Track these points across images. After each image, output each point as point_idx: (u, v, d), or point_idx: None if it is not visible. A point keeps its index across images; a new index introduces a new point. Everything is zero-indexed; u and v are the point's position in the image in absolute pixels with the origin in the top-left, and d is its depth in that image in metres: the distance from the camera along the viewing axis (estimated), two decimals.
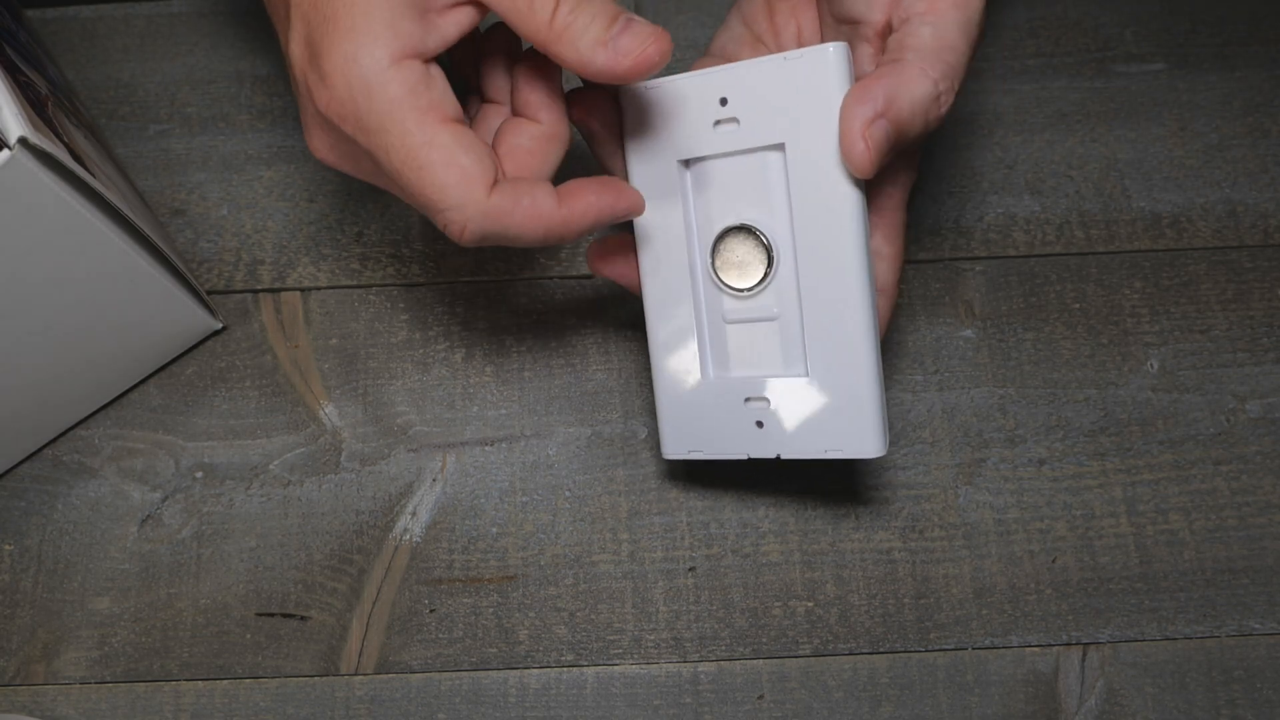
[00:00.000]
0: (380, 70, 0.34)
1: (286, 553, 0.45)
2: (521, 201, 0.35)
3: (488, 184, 0.35)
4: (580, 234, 0.36)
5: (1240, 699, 0.43)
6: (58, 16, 0.53)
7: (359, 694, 0.43)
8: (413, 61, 0.34)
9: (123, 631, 0.44)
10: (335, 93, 0.34)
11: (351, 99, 0.34)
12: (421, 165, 0.34)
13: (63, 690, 0.43)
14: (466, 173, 0.34)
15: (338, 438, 0.47)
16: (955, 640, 0.43)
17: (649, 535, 0.45)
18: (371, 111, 0.34)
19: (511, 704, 0.43)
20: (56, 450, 0.47)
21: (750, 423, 0.40)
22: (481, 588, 0.45)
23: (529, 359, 0.48)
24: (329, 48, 0.34)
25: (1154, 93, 0.51)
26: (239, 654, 0.44)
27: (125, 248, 0.41)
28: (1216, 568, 0.44)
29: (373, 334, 0.48)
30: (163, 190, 0.50)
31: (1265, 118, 0.51)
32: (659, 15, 0.53)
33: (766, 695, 0.43)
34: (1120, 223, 0.49)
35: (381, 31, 0.34)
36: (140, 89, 0.52)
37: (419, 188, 0.35)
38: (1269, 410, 0.46)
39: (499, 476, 0.46)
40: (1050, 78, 0.51)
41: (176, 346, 0.47)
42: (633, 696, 0.43)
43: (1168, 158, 0.50)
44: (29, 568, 0.45)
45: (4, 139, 0.36)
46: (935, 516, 0.45)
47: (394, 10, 0.34)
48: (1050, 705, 0.43)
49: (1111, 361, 0.47)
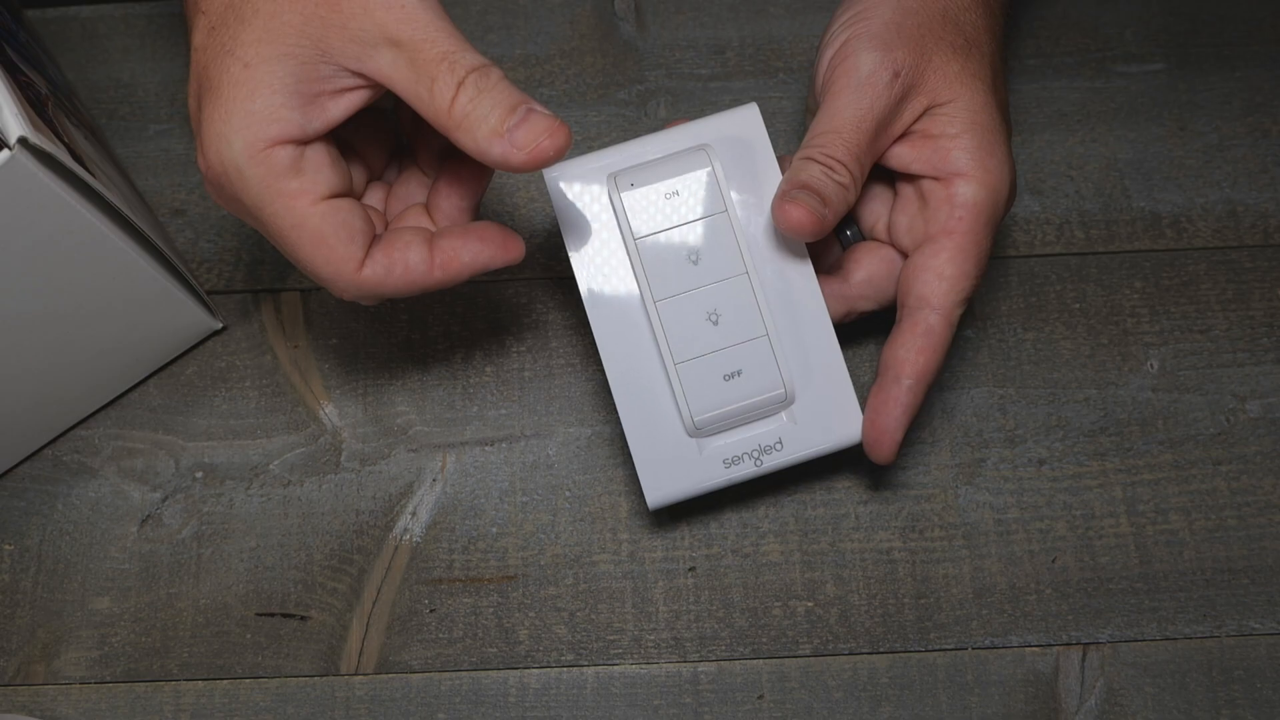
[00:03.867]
0: (250, 155, 0.34)
1: (286, 553, 0.45)
2: (394, 271, 0.37)
3: (357, 261, 0.36)
4: (459, 283, 0.38)
5: (1240, 699, 0.43)
6: (58, 16, 0.53)
7: (359, 694, 0.43)
8: (284, 147, 0.35)
9: (123, 631, 0.44)
10: (210, 164, 0.35)
11: (225, 174, 0.35)
12: (293, 244, 0.36)
13: (63, 690, 0.43)
14: (335, 254, 0.36)
15: (338, 438, 0.47)
16: (955, 640, 0.43)
17: (649, 535, 0.45)
18: (244, 189, 0.35)
19: (511, 704, 0.43)
20: (56, 450, 0.47)
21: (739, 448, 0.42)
22: (481, 588, 0.45)
23: (529, 359, 0.48)
24: (207, 120, 0.34)
25: (1154, 93, 0.51)
26: (239, 654, 0.44)
27: (125, 248, 0.41)
28: (1216, 568, 0.44)
29: (373, 334, 0.48)
30: (163, 190, 0.50)
31: (1265, 118, 0.51)
32: (659, 16, 0.53)
33: (766, 695, 0.43)
34: (1120, 223, 0.49)
35: (259, 117, 0.34)
36: (140, 89, 0.52)
37: (294, 258, 0.37)
38: (1269, 410, 0.46)
39: (499, 476, 0.46)
40: (1050, 78, 0.51)
41: (176, 346, 0.47)
42: (633, 696, 0.43)
43: (1168, 158, 0.50)
44: (29, 568, 0.45)
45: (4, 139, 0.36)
46: (935, 516, 0.45)
47: (278, 98, 0.34)
48: (1050, 705, 0.43)
49: (1111, 361, 0.47)
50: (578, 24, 0.53)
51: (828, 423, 0.41)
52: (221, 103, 0.34)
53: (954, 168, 0.40)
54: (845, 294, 0.43)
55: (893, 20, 0.40)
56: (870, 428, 0.41)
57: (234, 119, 0.34)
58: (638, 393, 0.41)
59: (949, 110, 0.40)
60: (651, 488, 0.41)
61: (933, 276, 0.40)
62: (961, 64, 0.41)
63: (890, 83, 0.40)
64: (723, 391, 0.41)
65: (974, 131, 0.40)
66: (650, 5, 0.53)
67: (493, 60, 0.35)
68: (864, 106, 0.39)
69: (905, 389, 0.40)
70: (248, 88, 0.34)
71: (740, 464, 0.41)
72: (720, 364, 0.41)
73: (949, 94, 0.40)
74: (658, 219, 0.41)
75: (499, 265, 0.38)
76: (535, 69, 0.52)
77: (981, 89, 0.41)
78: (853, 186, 0.40)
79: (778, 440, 0.41)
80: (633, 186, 0.41)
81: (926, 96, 0.40)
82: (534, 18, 0.53)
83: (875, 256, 0.43)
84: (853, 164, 0.39)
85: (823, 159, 0.39)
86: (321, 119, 0.35)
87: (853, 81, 0.40)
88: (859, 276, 0.43)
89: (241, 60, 0.34)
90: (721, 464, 0.41)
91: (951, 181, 0.40)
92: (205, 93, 0.35)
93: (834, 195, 0.39)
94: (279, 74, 0.34)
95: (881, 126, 0.40)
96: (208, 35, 0.35)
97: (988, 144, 0.40)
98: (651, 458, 0.41)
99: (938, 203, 0.41)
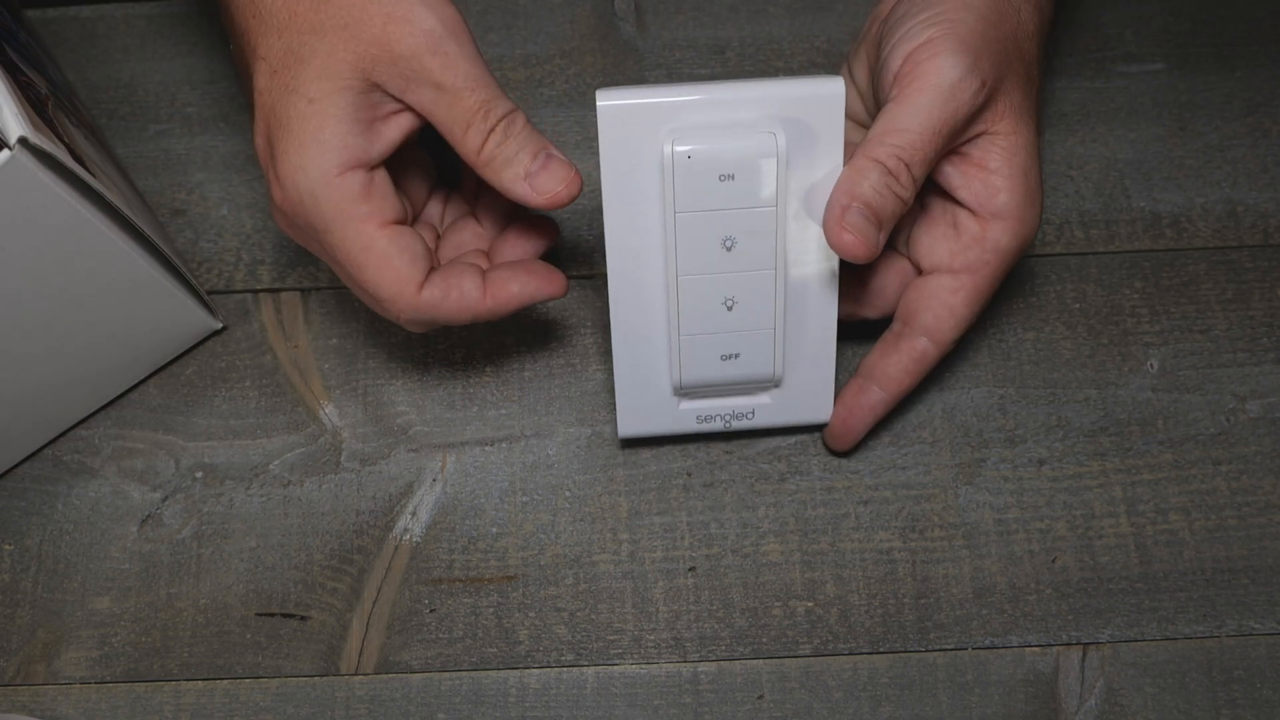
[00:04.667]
0: (326, 181, 0.38)
1: (286, 553, 0.45)
2: (450, 295, 0.40)
3: (418, 283, 0.39)
4: (507, 315, 0.41)
5: (1240, 699, 0.43)
6: (58, 16, 0.53)
7: (359, 694, 0.43)
8: (356, 172, 0.38)
9: (123, 631, 0.44)
10: (287, 193, 0.38)
11: (300, 201, 0.38)
12: (361, 265, 0.39)
13: (63, 690, 0.43)
14: (399, 275, 0.39)
15: (338, 438, 0.47)
16: (955, 640, 0.43)
17: (649, 535, 0.45)
18: (318, 215, 0.38)
19: (511, 704, 0.43)
20: (56, 450, 0.47)
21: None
22: (481, 588, 0.45)
23: (529, 359, 0.48)
24: (282, 153, 0.38)
25: (1154, 93, 0.51)
26: (239, 654, 0.44)
27: (125, 248, 0.41)
28: (1216, 568, 0.44)
29: (373, 334, 0.48)
30: (163, 190, 0.50)
31: (1265, 118, 0.51)
32: (659, 16, 0.53)
33: (766, 695, 0.43)
34: (1120, 223, 0.49)
35: (329, 146, 0.37)
36: (140, 89, 0.52)
37: (360, 282, 0.39)
38: (1269, 410, 0.46)
39: (499, 476, 0.46)
40: (1050, 78, 0.51)
41: (176, 346, 0.47)
42: (633, 696, 0.43)
43: (1168, 158, 0.50)
44: (29, 568, 0.45)
45: (4, 139, 0.36)
46: (935, 516, 0.45)
47: (343, 126, 0.37)
48: (1050, 705, 0.43)
49: (1111, 361, 0.47)
50: (578, 24, 0.53)
51: (801, 403, 0.44)
52: (293, 137, 0.37)
53: (996, 209, 0.40)
54: (857, 297, 0.44)
55: (978, 29, 0.39)
56: (840, 424, 0.44)
57: (307, 149, 0.37)
58: (636, 343, 0.42)
59: (1004, 145, 0.39)
60: (625, 420, 0.44)
61: (945, 311, 0.41)
62: (1023, 96, 0.40)
63: (976, 93, 0.38)
64: (717, 368, 0.42)
65: (1022, 178, 0.40)
66: (650, 5, 0.53)
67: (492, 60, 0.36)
68: (947, 113, 0.38)
69: (880, 400, 0.43)
70: (315, 121, 0.37)
71: (711, 420, 0.44)
72: (722, 345, 0.42)
73: (1009, 126, 0.39)
74: (705, 199, 0.39)
75: (544, 298, 0.42)
76: (535, 69, 0.52)
77: (1033, 127, 0.40)
78: (912, 197, 0.39)
79: (751, 410, 0.44)
80: (690, 159, 0.38)
81: (989, 120, 0.39)
82: (534, 18, 0.53)
83: (892, 269, 0.43)
84: (920, 172, 0.38)
85: (892, 163, 0.38)
86: (380, 143, 0.38)
87: (940, 83, 0.38)
88: (873, 285, 0.43)
89: (306, 97, 0.37)
90: (695, 418, 0.44)
91: (989, 223, 0.40)
92: (275, 130, 0.38)
93: (891, 211, 0.38)
94: (341, 104, 0.37)
95: (955, 137, 0.39)
96: (270, 78, 0.38)
97: (1031, 192, 0.40)
98: (632, 395, 0.43)
99: (970, 239, 0.40)
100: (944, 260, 0.41)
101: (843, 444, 0.45)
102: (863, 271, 0.43)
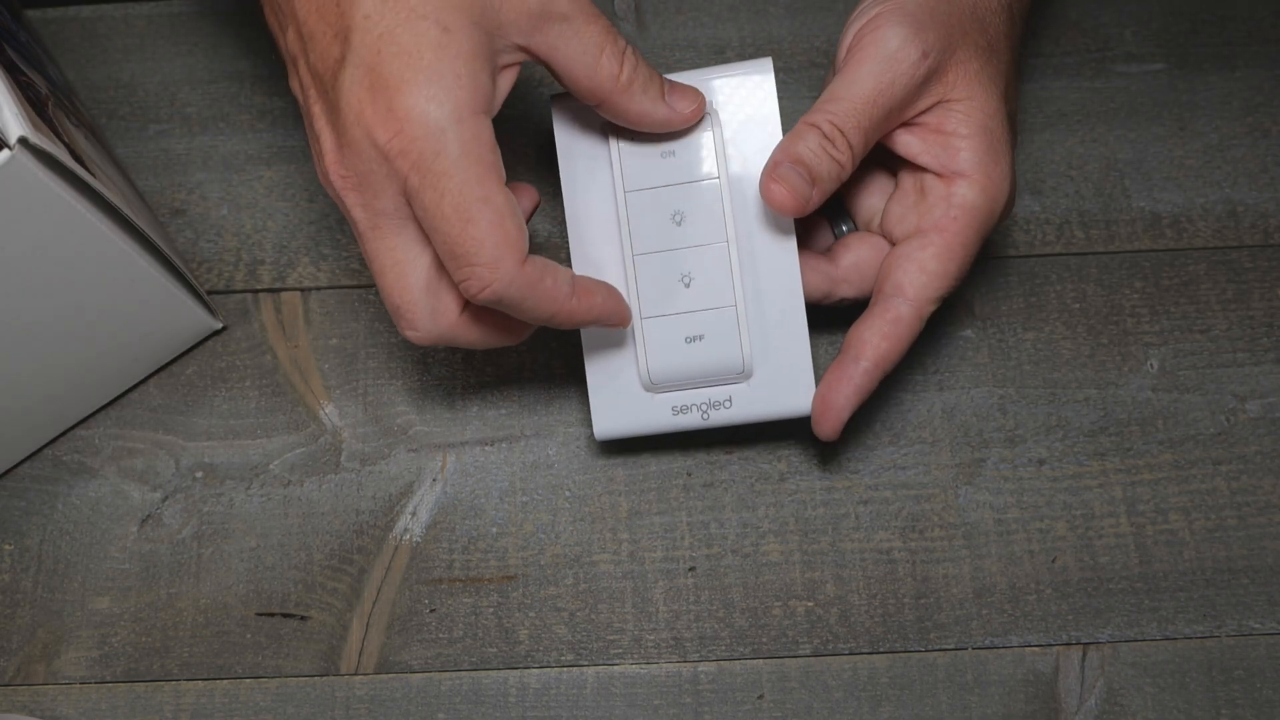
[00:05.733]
0: (461, 120, 0.34)
1: (286, 553, 0.45)
2: (545, 280, 0.36)
3: (522, 253, 0.35)
4: (576, 326, 0.38)
5: (1240, 699, 0.43)
6: (58, 16, 0.53)
7: (359, 694, 0.43)
8: (483, 117, 0.35)
9: (123, 631, 0.44)
10: (405, 129, 0.34)
11: (424, 139, 0.34)
12: (470, 219, 0.34)
13: (63, 690, 0.43)
14: (509, 238, 0.35)
15: (338, 438, 0.47)
16: (955, 640, 0.43)
17: (649, 535, 0.45)
18: (440, 156, 0.34)
19: (511, 704, 0.43)
20: (56, 450, 0.47)
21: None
22: (481, 588, 0.45)
23: (529, 359, 0.48)
24: (406, 86, 0.34)
25: (1154, 93, 0.51)
26: (239, 654, 0.44)
27: (125, 248, 0.41)
28: (1216, 568, 0.44)
29: (373, 334, 0.48)
30: (163, 190, 0.50)
31: (1265, 118, 0.51)
32: (659, 16, 0.53)
33: (766, 695, 0.43)
34: (1120, 223, 0.49)
35: (464, 82, 0.34)
36: (140, 89, 0.52)
37: (458, 237, 0.35)
38: (1269, 410, 0.46)
39: (499, 476, 0.46)
40: (1050, 78, 0.51)
41: (176, 346, 0.47)
42: (633, 696, 0.43)
43: (1168, 158, 0.50)
44: (29, 568, 0.45)
45: (4, 139, 0.36)
46: (935, 516, 0.45)
47: (475, 62, 0.34)
48: (1050, 705, 0.43)
49: (1111, 361, 0.47)
50: None
51: (780, 391, 0.42)
52: (422, 68, 0.33)
53: (958, 167, 0.40)
54: (830, 274, 0.43)
55: (926, 4, 0.40)
56: (820, 402, 0.41)
57: (445, 80, 0.34)
58: (605, 337, 0.42)
59: (962, 109, 0.40)
60: (601, 421, 0.43)
61: (914, 268, 0.41)
62: (981, 64, 0.40)
63: (917, 62, 0.39)
64: (683, 353, 0.42)
65: (983, 135, 0.40)
66: (650, 5, 0.53)
67: None
68: (885, 81, 0.39)
69: (861, 370, 0.41)
70: (452, 51, 0.34)
71: (688, 413, 0.43)
72: (684, 326, 0.42)
73: (965, 92, 0.40)
74: (650, 176, 0.41)
75: (613, 323, 0.40)
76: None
77: (995, 94, 0.41)
78: (849, 163, 0.39)
79: (728, 398, 0.42)
80: (633, 138, 0.41)
81: (943, 89, 0.40)
82: None
83: (866, 245, 0.43)
84: (856, 139, 0.39)
85: (827, 128, 0.39)
86: (498, 96, 0.36)
87: (878, 54, 0.39)
88: (847, 260, 0.43)
89: (440, 24, 0.34)
90: (670, 411, 0.43)
91: (953, 180, 0.40)
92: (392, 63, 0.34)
93: (826, 172, 0.39)
94: (477, 41, 0.34)
95: (896, 106, 0.39)
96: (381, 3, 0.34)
97: (994, 151, 0.40)
98: (606, 394, 0.43)
99: (935, 199, 0.41)
100: (912, 223, 0.41)
101: (827, 423, 0.41)
102: (838, 249, 0.43)
